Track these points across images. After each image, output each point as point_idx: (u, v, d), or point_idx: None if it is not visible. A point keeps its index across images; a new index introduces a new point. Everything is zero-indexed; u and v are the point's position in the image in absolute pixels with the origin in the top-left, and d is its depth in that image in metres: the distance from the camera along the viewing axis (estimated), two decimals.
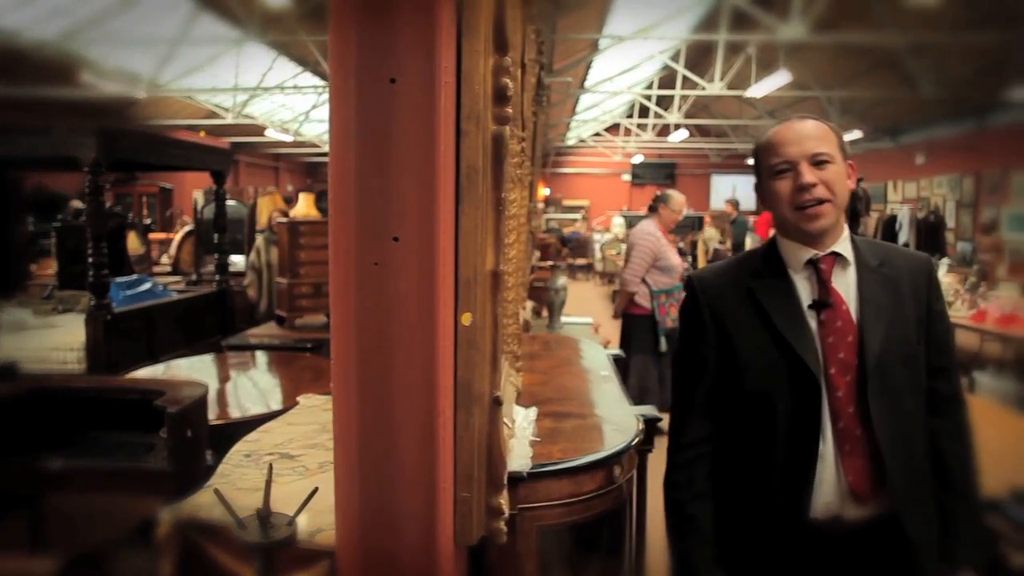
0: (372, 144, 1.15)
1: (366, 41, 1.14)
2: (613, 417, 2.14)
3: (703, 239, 11.46)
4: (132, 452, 2.46)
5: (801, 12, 7.98)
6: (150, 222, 9.96)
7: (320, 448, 1.95)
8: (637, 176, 21.44)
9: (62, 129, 3.79)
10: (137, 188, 10.98)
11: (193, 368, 3.58)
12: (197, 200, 8.67)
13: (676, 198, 4.91)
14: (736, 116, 16.07)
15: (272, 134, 15.00)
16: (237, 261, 6.58)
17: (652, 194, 5.36)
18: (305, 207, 6.28)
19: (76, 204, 6.76)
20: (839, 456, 1.32)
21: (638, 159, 20.59)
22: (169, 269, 7.77)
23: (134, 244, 7.47)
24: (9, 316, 4.23)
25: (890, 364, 1.33)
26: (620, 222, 14.59)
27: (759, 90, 10.32)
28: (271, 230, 5.66)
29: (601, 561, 1.84)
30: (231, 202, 7.17)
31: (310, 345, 4.27)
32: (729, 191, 17.31)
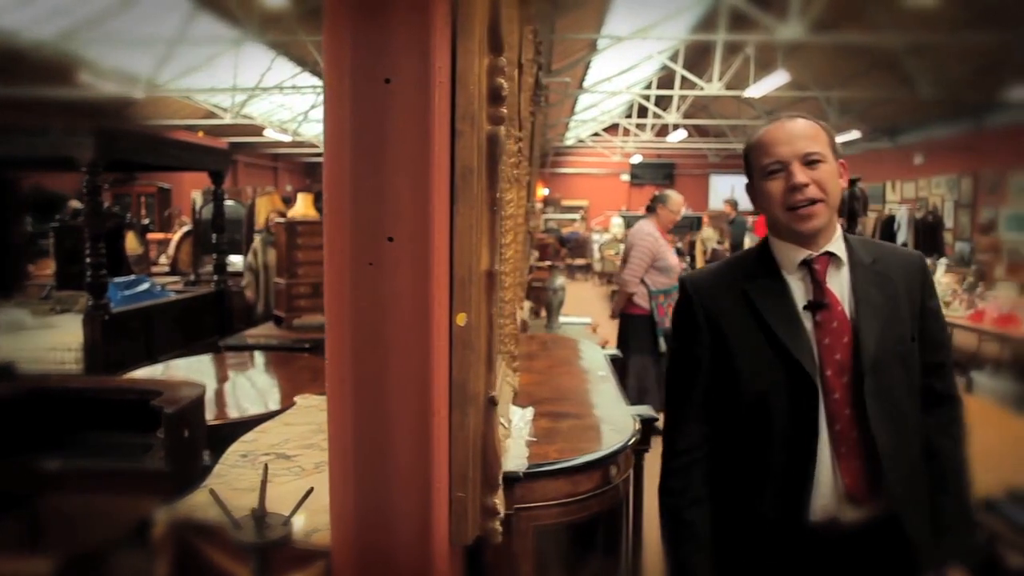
0: (367, 144, 1.15)
1: (361, 41, 1.14)
2: (610, 417, 2.14)
3: (701, 239, 11.46)
4: (129, 452, 2.46)
5: (799, 12, 7.99)
6: (148, 222, 9.94)
7: (317, 448, 1.94)
8: (636, 176, 21.45)
9: (60, 129, 3.79)
10: (135, 188, 10.95)
11: (191, 368, 3.59)
12: (195, 200, 8.67)
13: (674, 198, 4.90)
14: (735, 116, 16.08)
15: (271, 134, 15.00)
16: (235, 261, 6.58)
17: (651, 194, 5.35)
18: (304, 207, 6.27)
19: (74, 204, 6.74)
20: (835, 459, 1.31)
21: (637, 159, 20.60)
22: (167, 269, 7.77)
23: (132, 244, 7.47)
24: (7, 316, 4.23)
25: (886, 363, 1.32)
26: (619, 222, 14.57)
27: (757, 90, 10.33)
28: (268, 231, 5.66)
29: (597, 561, 1.84)
30: (229, 202, 7.17)
31: (308, 345, 4.27)
32: (728, 191, 17.29)
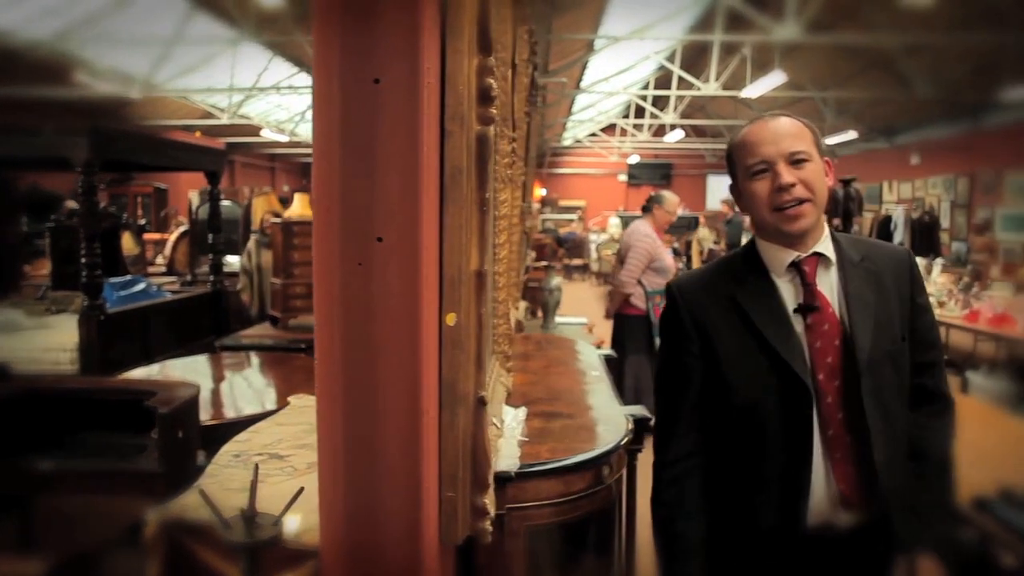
0: (356, 145, 1.15)
1: (350, 42, 1.14)
2: (603, 417, 2.14)
3: (697, 239, 11.47)
4: (123, 453, 2.46)
5: (796, 13, 8.00)
6: (145, 222, 9.92)
7: (309, 448, 1.94)
8: (633, 176, 21.47)
9: (56, 129, 3.78)
10: (132, 188, 10.92)
11: (187, 369, 3.58)
12: (192, 200, 8.64)
13: (670, 199, 4.91)
14: (732, 116, 16.09)
15: (268, 134, 14.99)
16: (232, 261, 6.57)
17: (648, 195, 5.35)
18: (301, 207, 6.24)
19: (70, 204, 6.73)
20: (829, 463, 1.30)
21: (634, 159, 20.62)
22: (164, 269, 7.76)
23: (129, 244, 7.45)
24: (2, 316, 4.22)
25: (879, 363, 1.31)
26: (616, 222, 14.56)
27: (754, 90, 10.34)
28: (263, 232, 5.65)
29: (590, 561, 1.84)
30: (226, 202, 7.15)
31: (303, 345, 4.25)
32: (725, 191, 17.22)
